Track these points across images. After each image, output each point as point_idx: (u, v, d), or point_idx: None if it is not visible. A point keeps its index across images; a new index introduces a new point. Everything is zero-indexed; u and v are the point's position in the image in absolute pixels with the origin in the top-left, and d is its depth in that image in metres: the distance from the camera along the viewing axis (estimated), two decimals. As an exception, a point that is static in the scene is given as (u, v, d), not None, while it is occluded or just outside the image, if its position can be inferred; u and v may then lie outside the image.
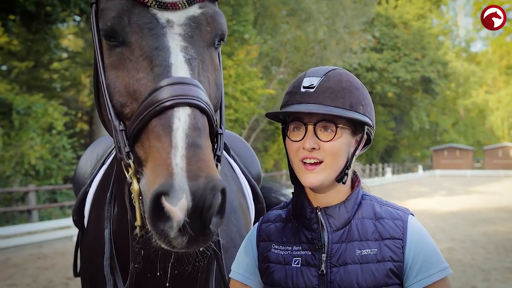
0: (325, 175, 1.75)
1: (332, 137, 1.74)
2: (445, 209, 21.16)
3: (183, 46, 1.60)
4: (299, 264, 1.81)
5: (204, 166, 1.38)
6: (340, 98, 1.75)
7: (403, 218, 1.80)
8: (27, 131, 16.94)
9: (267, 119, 30.00)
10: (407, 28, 51.62)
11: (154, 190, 1.37)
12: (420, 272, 1.72)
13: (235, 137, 3.83)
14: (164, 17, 1.62)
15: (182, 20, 1.63)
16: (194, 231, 1.38)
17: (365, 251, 1.74)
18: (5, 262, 11.16)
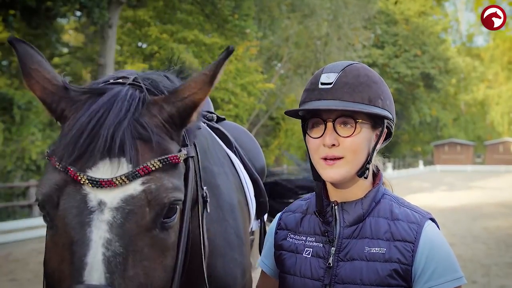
0: (346, 170, 1.74)
1: (351, 133, 1.72)
2: (445, 204, 21.16)
3: (107, 239, 1.40)
4: (309, 254, 1.83)
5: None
6: (358, 93, 1.73)
7: (420, 223, 1.76)
8: (28, 126, 16.95)
9: (267, 114, 30.14)
10: (408, 25, 51.57)
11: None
12: (431, 279, 1.69)
13: (240, 129, 3.81)
14: (96, 198, 1.43)
15: (115, 202, 1.44)
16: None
17: (374, 249, 1.73)
18: (6, 257, 11.18)
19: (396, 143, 59.75)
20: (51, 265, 1.47)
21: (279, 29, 29.57)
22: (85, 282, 1.35)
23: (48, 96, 1.60)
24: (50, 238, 1.49)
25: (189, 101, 1.61)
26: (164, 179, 1.52)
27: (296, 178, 4.81)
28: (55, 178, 1.47)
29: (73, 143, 1.46)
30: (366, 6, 33.86)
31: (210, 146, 2.44)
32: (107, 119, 1.48)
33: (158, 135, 1.55)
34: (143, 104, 1.58)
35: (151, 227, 1.48)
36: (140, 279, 1.44)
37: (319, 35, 30.27)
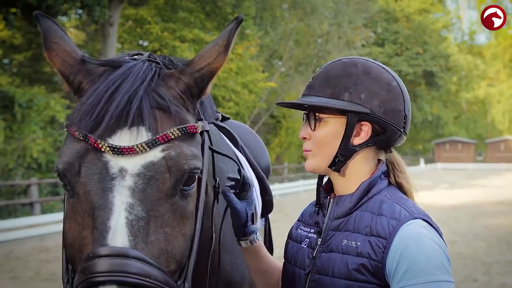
0: (315, 161, 1.81)
1: (317, 127, 1.80)
2: (447, 202, 21.18)
3: (129, 204, 1.43)
4: (306, 244, 1.86)
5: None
6: (323, 87, 1.79)
7: (401, 219, 1.66)
8: (29, 124, 16.95)
9: (268, 112, 30.12)
10: (409, 22, 51.55)
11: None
12: (403, 278, 1.57)
13: (245, 128, 3.82)
14: (117, 165, 1.47)
15: (136, 169, 1.47)
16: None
17: (350, 242, 1.70)
18: (8, 255, 11.20)
19: (397, 141, 59.72)
20: (71, 234, 1.50)
21: (280, 27, 29.56)
22: (108, 244, 1.38)
23: (67, 68, 1.65)
24: (71, 207, 1.52)
25: (206, 71, 1.66)
26: (183, 147, 1.55)
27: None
28: (75, 146, 1.50)
29: (92, 111, 1.50)
30: (367, 4, 33.84)
31: (218, 143, 2.46)
32: (125, 88, 1.53)
33: (176, 105, 1.59)
34: (159, 76, 1.63)
35: (171, 194, 1.52)
36: (161, 244, 1.46)
37: (320, 33, 30.24)
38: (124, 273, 1.34)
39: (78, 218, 1.48)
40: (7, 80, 19.24)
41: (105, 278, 1.34)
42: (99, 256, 1.36)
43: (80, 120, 1.51)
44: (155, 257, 1.43)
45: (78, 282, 1.38)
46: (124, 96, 1.50)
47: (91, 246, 1.41)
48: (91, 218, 1.44)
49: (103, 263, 1.35)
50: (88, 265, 1.36)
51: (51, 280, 8.91)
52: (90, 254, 1.38)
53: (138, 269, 1.37)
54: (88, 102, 1.52)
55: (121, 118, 1.49)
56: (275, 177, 30.37)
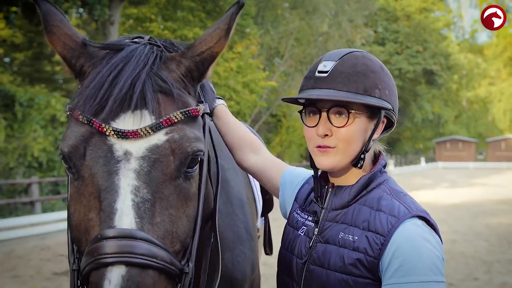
0: (337, 159, 1.74)
1: (345, 123, 1.71)
2: (447, 201, 21.16)
3: (135, 186, 1.46)
4: (302, 232, 1.85)
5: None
6: (353, 82, 1.71)
7: (400, 217, 1.65)
8: (30, 123, 16.96)
9: (269, 111, 30.09)
10: (409, 21, 51.54)
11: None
12: (394, 275, 1.58)
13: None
14: (122, 148, 1.49)
15: (141, 152, 1.50)
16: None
17: (347, 236, 1.71)
18: (9, 253, 11.20)
19: (398, 140, 59.75)
20: (77, 216, 1.52)
21: (281, 26, 29.55)
22: (116, 226, 1.40)
23: (68, 51, 1.66)
24: (76, 190, 1.54)
25: (207, 55, 1.68)
26: (186, 130, 1.58)
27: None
28: (80, 130, 1.51)
29: (95, 95, 1.52)
30: (367, 3, 33.82)
31: (219, 141, 2.46)
32: (127, 72, 1.54)
33: (178, 89, 1.61)
34: (161, 59, 1.64)
35: (175, 176, 1.54)
36: (166, 226, 1.49)
37: (321, 32, 30.23)
38: (132, 254, 1.37)
39: (84, 200, 1.50)
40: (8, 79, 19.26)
41: (113, 259, 1.36)
42: (106, 238, 1.39)
43: (84, 103, 1.53)
44: (161, 238, 1.46)
45: (86, 263, 1.40)
46: (127, 79, 1.52)
47: (98, 228, 1.44)
48: (97, 201, 1.47)
49: (110, 244, 1.37)
50: (96, 246, 1.39)
51: (52, 278, 8.91)
52: (97, 236, 1.40)
53: (145, 250, 1.39)
54: (91, 86, 1.54)
55: (125, 102, 1.51)
56: (275, 175, 30.30)
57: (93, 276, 1.39)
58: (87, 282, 1.44)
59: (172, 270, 1.46)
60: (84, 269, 1.42)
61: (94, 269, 1.39)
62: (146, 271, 1.39)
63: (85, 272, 1.42)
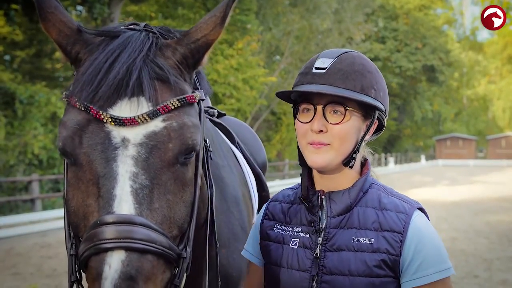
0: (331, 156, 1.72)
1: (340, 120, 1.70)
2: (448, 199, 21.16)
3: (133, 172, 1.47)
4: (296, 245, 1.81)
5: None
6: (351, 80, 1.71)
7: (408, 213, 1.73)
8: (30, 120, 16.97)
9: (269, 109, 30.13)
10: (408, 18, 51.56)
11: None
12: (419, 270, 1.67)
13: (241, 125, 3.82)
14: (119, 135, 1.50)
15: (138, 139, 1.50)
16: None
17: (361, 239, 1.71)
18: (9, 251, 11.21)
19: (398, 138, 59.75)
20: (74, 202, 1.53)
21: (281, 23, 29.55)
22: (115, 212, 1.42)
23: (63, 38, 1.66)
24: (73, 175, 1.55)
25: (203, 42, 1.68)
26: (183, 117, 1.58)
27: None
28: (76, 117, 1.52)
29: (91, 82, 1.52)
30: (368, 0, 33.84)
31: (214, 139, 2.45)
32: (123, 59, 1.54)
33: (174, 76, 1.61)
34: (157, 46, 1.64)
35: (173, 162, 1.55)
36: (164, 211, 1.51)
37: (322, 30, 30.24)
38: (131, 239, 1.39)
39: (82, 187, 1.51)
40: (8, 76, 19.24)
41: (113, 244, 1.38)
42: (106, 223, 1.40)
43: (81, 90, 1.53)
44: (159, 224, 1.48)
45: (85, 249, 1.42)
46: (123, 66, 1.52)
47: (96, 214, 1.45)
48: (96, 187, 1.48)
49: (110, 230, 1.39)
50: (95, 232, 1.40)
51: (52, 276, 8.92)
52: (97, 221, 1.41)
53: (144, 235, 1.41)
54: (87, 73, 1.54)
55: (121, 89, 1.51)
56: (276, 173, 30.37)
57: (92, 261, 1.41)
58: (85, 267, 1.46)
59: (170, 255, 1.48)
60: (83, 254, 1.43)
61: (94, 254, 1.40)
62: (145, 256, 1.41)
63: (84, 257, 1.43)
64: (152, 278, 1.42)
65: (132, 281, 1.36)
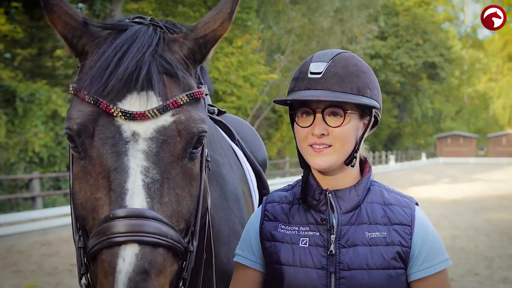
0: (333, 158, 1.75)
1: (341, 123, 1.73)
2: (448, 196, 21.17)
3: (145, 166, 1.48)
4: (306, 244, 1.82)
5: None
6: (347, 83, 1.74)
7: (411, 207, 1.83)
8: (31, 118, 16.97)
9: (270, 106, 30.11)
10: (408, 15, 51.55)
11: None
12: (426, 260, 1.76)
13: (242, 122, 3.82)
14: (130, 129, 1.51)
15: (149, 133, 1.51)
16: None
17: (374, 233, 1.77)
18: (10, 249, 11.23)
19: (399, 136, 59.70)
20: (82, 195, 1.53)
21: (282, 21, 29.51)
22: (127, 206, 1.43)
23: (69, 31, 1.64)
24: (82, 169, 1.55)
25: (210, 37, 1.69)
26: (192, 112, 1.60)
27: None
28: (87, 109, 1.51)
29: (101, 75, 1.52)
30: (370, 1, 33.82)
31: (214, 137, 2.46)
32: (132, 53, 1.54)
33: (181, 71, 1.62)
34: (164, 41, 1.64)
35: (182, 156, 1.57)
36: (173, 205, 1.53)
37: (323, 28, 30.20)
38: (144, 233, 1.40)
39: (90, 180, 1.51)
40: (9, 74, 19.24)
41: (126, 238, 1.39)
42: (118, 217, 1.41)
43: (91, 84, 1.53)
44: (169, 217, 1.49)
45: (97, 242, 1.42)
46: (132, 61, 1.53)
47: (107, 208, 1.46)
48: (106, 180, 1.48)
49: (122, 223, 1.40)
50: (107, 226, 1.41)
51: (53, 273, 8.93)
52: (109, 215, 1.42)
53: (156, 229, 1.42)
54: (96, 66, 1.54)
55: (131, 83, 1.52)
56: (276, 171, 30.40)
57: (105, 255, 1.41)
58: (94, 260, 1.47)
59: (179, 248, 1.50)
60: (94, 248, 1.43)
61: (106, 248, 1.41)
62: (157, 249, 1.42)
63: (94, 250, 1.43)
64: (163, 271, 1.43)
65: (145, 274, 1.37)
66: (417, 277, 1.77)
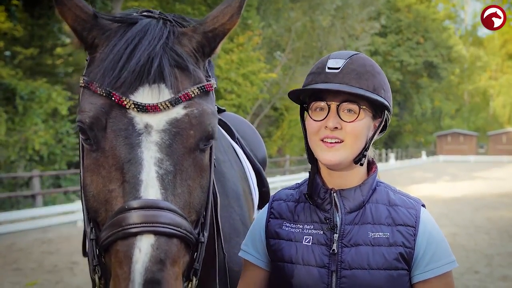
0: (344, 154, 1.75)
1: (355, 118, 1.74)
2: (448, 194, 21.18)
3: (158, 158, 1.49)
4: (310, 242, 1.83)
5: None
6: (364, 80, 1.76)
7: (416, 208, 1.83)
8: (31, 116, 16.98)
9: (270, 104, 30.08)
10: (410, 12, 51.49)
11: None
12: (431, 261, 1.76)
13: (241, 120, 3.83)
14: (142, 121, 1.51)
15: (161, 125, 1.52)
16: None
17: (377, 234, 1.77)
18: (10, 246, 11.23)
19: (399, 134, 59.67)
20: (94, 186, 1.54)
21: (282, 19, 29.47)
22: (142, 197, 1.43)
23: (79, 23, 1.65)
24: (93, 161, 1.56)
25: (219, 31, 1.71)
26: (203, 105, 1.61)
27: None
28: (99, 102, 1.52)
29: (113, 68, 1.53)
30: None
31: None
32: (144, 46, 1.55)
33: (192, 64, 1.63)
34: (174, 34, 1.65)
35: (194, 148, 1.58)
36: (185, 197, 1.54)
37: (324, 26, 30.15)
38: (159, 224, 1.40)
39: (103, 172, 1.52)
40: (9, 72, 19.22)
41: (141, 228, 1.39)
42: (133, 208, 1.41)
43: (103, 76, 1.53)
44: (181, 209, 1.51)
45: (111, 233, 1.42)
46: (144, 53, 1.53)
47: (121, 199, 1.46)
48: (119, 172, 1.49)
49: (138, 214, 1.40)
50: (122, 217, 1.41)
51: (53, 271, 8.94)
52: (124, 206, 1.43)
53: (171, 220, 1.43)
54: (109, 59, 1.54)
55: (143, 76, 1.52)
56: (276, 169, 30.38)
57: (120, 245, 1.41)
58: (106, 252, 1.47)
59: (191, 239, 1.50)
60: (108, 239, 1.43)
61: (121, 239, 1.41)
62: (171, 240, 1.43)
63: (108, 241, 1.43)
64: (177, 261, 1.44)
65: (161, 264, 1.37)
66: (421, 279, 1.77)
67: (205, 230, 1.66)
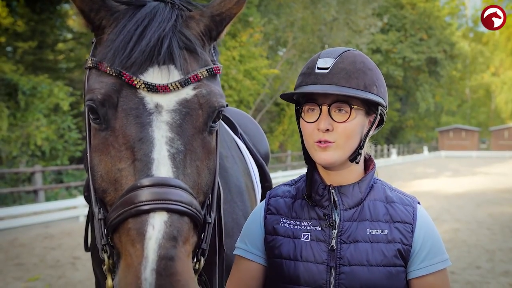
0: (337, 154, 1.75)
1: (346, 118, 1.73)
2: (450, 190, 21.15)
3: (169, 137, 1.51)
4: (308, 238, 1.83)
5: (175, 281, 1.32)
6: (354, 79, 1.74)
7: (413, 205, 1.84)
8: (33, 112, 16.98)
9: (272, 100, 30.08)
10: (414, 10, 51.38)
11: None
12: (426, 259, 1.77)
13: (244, 115, 3.83)
14: (153, 101, 1.53)
15: (172, 105, 1.54)
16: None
17: (375, 230, 1.78)
18: (12, 242, 11.26)
19: (401, 129, 59.66)
20: (103, 167, 1.54)
21: (284, 14, 29.40)
22: (153, 175, 1.44)
23: (87, 4, 1.65)
24: (102, 140, 1.57)
25: (226, 15, 1.74)
26: (211, 86, 1.64)
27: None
28: (110, 81, 1.53)
29: (124, 48, 1.54)
30: None
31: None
32: (154, 27, 1.57)
33: (199, 47, 1.66)
34: (182, 17, 1.68)
35: (203, 129, 1.61)
36: (194, 177, 1.56)
37: (327, 21, 30.09)
38: (171, 201, 1.42)
39: (112, 151, 1.53)
40: (11, 67, 19.23)
41: (154, 205, 1.40)
42: (145, 186, 1.42)
43: (114, 56, 1.55)
44: (191, 188, 1.53)
45: (122, 211, 1.42)
46: (154, 34, 1.55)
47: (132, 178, 1.47)
48: (130, 151, 1.50)
49: (149, 191, 1.41)
50: (134, 195, 1.42)
51: (56, 266, 8.95)
52: (137, 184, 1.43)
53: (182, 197, 1.45)
54: (119, 39, 1.56)
55: (153, 56, 1.54)
56: (278, 164, 30.39)
57: (131, 223, 1.41)
58: (115, 231, 1.47)
59: (200, 219, 1.51)
60: (118, 217, 1.43)
61: (133, 216, 1.41)
62: (183, 218, 1.44)
63: (119, 220, 1.43)
64: (188, 239, 1.45)
65: (174, 241, 1.37)
66: (416, 275, 1.78)
67: (212, 211, 1.69)
